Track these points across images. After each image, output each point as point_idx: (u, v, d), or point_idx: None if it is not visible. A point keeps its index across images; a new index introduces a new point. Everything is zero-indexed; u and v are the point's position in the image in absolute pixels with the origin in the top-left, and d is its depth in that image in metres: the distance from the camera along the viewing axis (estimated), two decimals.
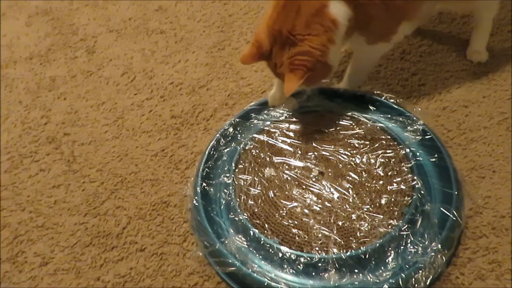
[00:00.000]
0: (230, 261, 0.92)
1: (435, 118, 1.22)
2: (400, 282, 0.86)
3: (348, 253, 0.90)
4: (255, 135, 1.13)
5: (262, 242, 0.94)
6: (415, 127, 1.11)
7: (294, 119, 1.16)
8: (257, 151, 1.10)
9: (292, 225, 0.96)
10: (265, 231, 0.96)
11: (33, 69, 1.51)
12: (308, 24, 0.98)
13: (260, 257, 0.94)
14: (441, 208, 0.96)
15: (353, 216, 0.96)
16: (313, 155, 1.08)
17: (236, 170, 1.07)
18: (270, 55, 1.03)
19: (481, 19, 1.30)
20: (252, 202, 1.01)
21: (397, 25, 1.10)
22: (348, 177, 1.03)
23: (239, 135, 1.15)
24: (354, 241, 0.92)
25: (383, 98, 1.19)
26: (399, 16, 1.08)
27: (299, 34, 0.98)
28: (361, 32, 1.07)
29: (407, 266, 0.88)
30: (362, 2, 1.00)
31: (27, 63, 1.53)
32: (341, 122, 1.14)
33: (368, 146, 1.08)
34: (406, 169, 1.03)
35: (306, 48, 0.97)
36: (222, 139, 1.15)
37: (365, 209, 0.97)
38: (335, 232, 0.94)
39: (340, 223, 0.95)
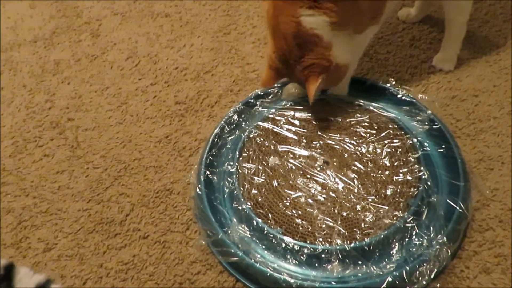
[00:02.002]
0: (232, 250, 0.92)
1: (444, 108, 1.19)
2: (404, 275, 0.85)
3: (352, 245, 0.89)
4: (259, 123, 1.12)
5: (265, 232, 0.93)
6: (423, 116, 1.09)
7: (299, 107, 1.14)
8: (262, 139, 1.09)
9: (295, 215, 0.95)
10: (269, 221, 0.95)
11: (37, 52, 1.49)
12: (299, 46, 0.99)
13: (263, 247, 0.93)
14: (448, 200, 0.95)
15: (358, 207, 0.95)
16: (318, 144, 1.07)
17: (240, 159, 1.06)
18: (288, 74, 1.08)
19: (451, 22, 1.22)
20: (256, 191, 1.00)
21: (384, 6, 1.06)
22: (353, 167, 1.01)
23: (243, 123, 1.14)
24: (358, 232, 0.91)
25: (391, 86, 1.17)
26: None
27: (297, 56, 1.01)
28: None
29: (411, 259, 0.87)
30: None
31: (32, 46, 1.51)
32: (347, 111, 1.12)
33: (374, 135, 1.06)
34: (413, 160, 1.01)
35: (310, 62, 1.00)
36: (226, 127, 1.13)
37: (370, 200, 0.95)
38: (339, 223, 0.93)
39: (344, 214, 0.94)
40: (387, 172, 1.00)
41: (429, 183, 0.97)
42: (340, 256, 0.88)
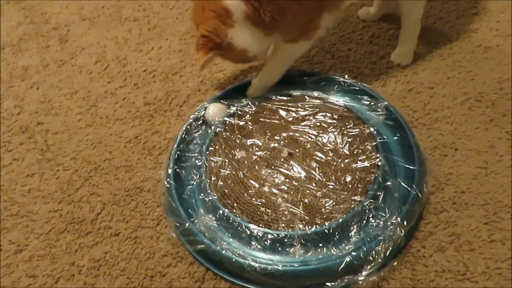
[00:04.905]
0: (199, 239, 0.95)
1: (401, 100, 1.25)
2: (362, 255, 0.89)
3: (313, 229, 0.93)
4: (226, 119, 1.16)
5: (231, 221, 0.97)
6: (380, 107, 1.14)
7: (264, 103, 1.18)
8: (228, 133, 1.13)
9: (260, 204, 0.99)
10: (234, 210, 0.99)
11: (5, 59, 1.50)
12: (204, 11, 1.08)
13: (229, 235, 0.97)
14: (403, 184, 1.00)
15: (319, 194, 0.99)
16: (282, 137, 1.11)
17: (207, 152, 1.09)
18: None
19: (407, 20, 1.28)
20: (222, 183, 1.03)
21: (319, 18, 1.10)
22: (315, 157, 1.06)
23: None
24: (319, 217, 0.95)
25: (350, 80, 1.22)
26: (317, 8, 1.08)
27: (198, 23, 1.09)
28: (279, 30, 1.09)
29: (368, 239, 0.92)
30: None
31: None
32: (308, 104, 1.16)
33: (334, 125, 1.11)
34: (370, 148, 1.06)
35: (202, 32, 1.07)
36: (194, 123, 1.17)
37: (331, 187, 1.00)
38: (301, 209, 0.97)
39: (306, 201, 0.98)
40: (346, 160, 1.04)
41: (385, 169, 1.02)
42: (302, 240, 0.92)
